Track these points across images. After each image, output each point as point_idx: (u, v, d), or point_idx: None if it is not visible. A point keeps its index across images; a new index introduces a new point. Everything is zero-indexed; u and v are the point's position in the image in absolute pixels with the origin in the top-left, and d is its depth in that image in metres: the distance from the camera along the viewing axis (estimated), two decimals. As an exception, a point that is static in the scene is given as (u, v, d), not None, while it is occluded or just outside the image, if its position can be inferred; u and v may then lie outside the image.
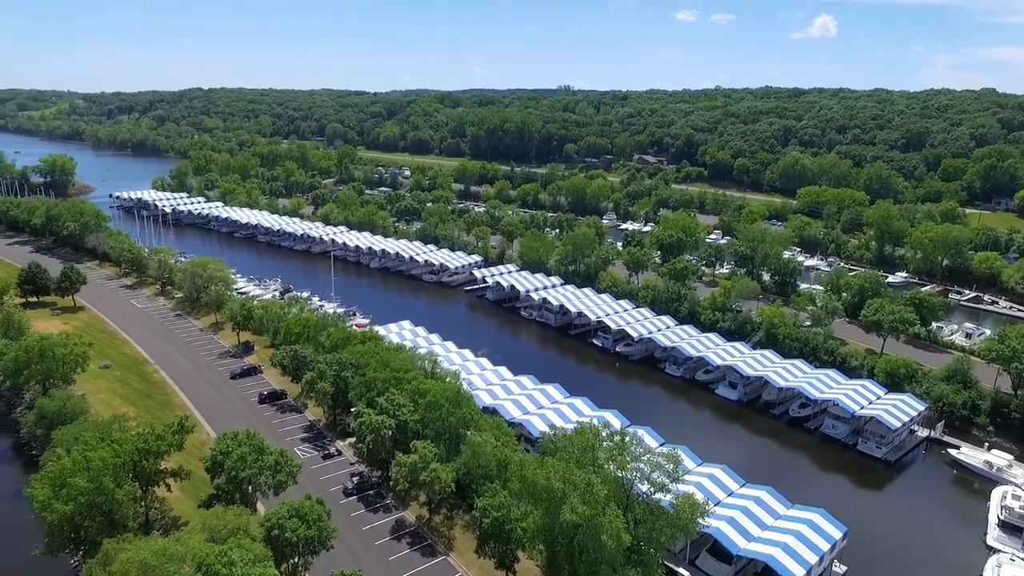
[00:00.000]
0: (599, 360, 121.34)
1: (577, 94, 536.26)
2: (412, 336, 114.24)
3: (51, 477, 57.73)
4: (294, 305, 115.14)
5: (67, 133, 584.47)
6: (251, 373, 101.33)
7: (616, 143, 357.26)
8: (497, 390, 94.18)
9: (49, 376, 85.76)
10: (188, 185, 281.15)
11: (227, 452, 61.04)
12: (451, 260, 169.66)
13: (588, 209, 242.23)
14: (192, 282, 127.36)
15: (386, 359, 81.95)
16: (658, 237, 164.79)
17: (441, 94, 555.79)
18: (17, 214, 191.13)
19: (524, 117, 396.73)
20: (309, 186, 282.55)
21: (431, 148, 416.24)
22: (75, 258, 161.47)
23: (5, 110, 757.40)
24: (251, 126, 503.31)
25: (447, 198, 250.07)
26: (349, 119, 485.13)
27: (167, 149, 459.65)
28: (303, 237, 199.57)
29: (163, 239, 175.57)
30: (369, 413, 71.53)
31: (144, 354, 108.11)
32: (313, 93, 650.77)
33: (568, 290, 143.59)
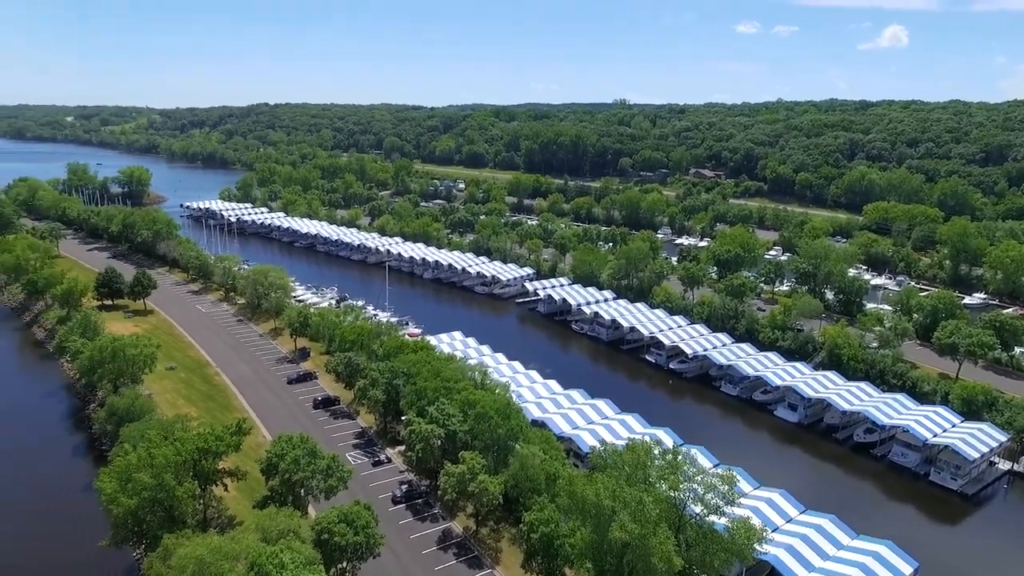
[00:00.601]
0: (651, 376, 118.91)
1: (633, 108, 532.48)
2: (463, 347, 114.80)
3: (118, 472, 60.19)
4: (349, 313, 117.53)
5: (144, 146, 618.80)
6: (307, 379, 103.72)
7: (672, 157, 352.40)
8: (546, 403, 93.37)
9: (120, 375, 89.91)
10: (253, 196, 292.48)
11: (281, 455, 62.39)
12: (503, 272, 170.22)
13: (642, 223, 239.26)
14: (254, 289, 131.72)
15: (437, 369, 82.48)
16: (715, 252, 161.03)
17: (497, 108, 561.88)
18: (97, 222, 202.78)
19: (579, 131, 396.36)
20: (366, 198, 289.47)
21: (486, 161, 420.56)
22: (147, 264, 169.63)
23: (90, 125, 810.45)
24: (313, 140, 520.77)
25: (500, 211, 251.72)
26: (406, 133, 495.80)
27: (234, 161, 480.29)
28: (359, 247, 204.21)
29: (228, 247, 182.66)
30: (419, 422, 71.95)
31: (207, 357, 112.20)
32: (372, 108, 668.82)
33: (620, 304, 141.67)
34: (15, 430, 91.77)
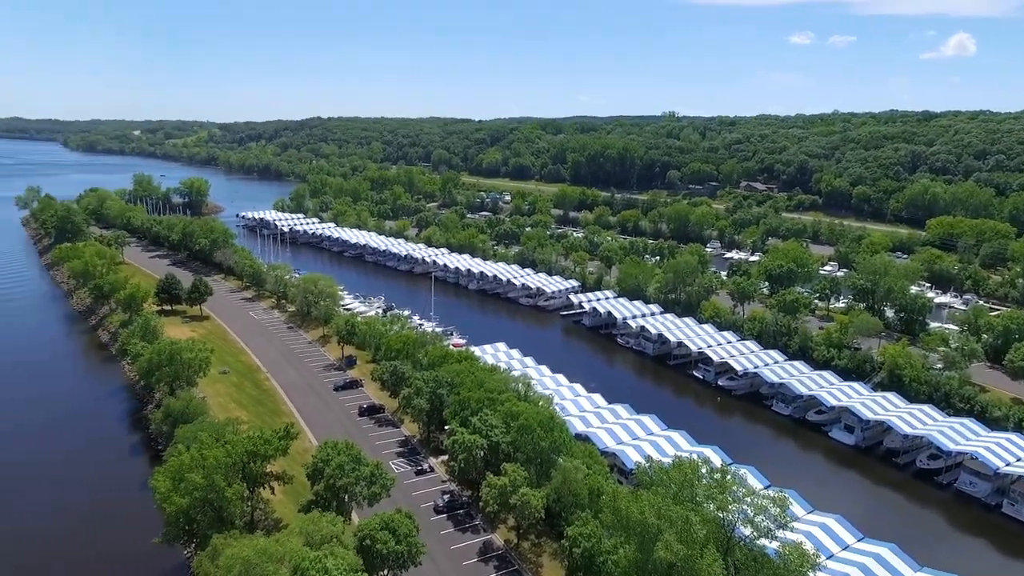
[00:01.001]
0: (699, 393, 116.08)
1: (682, 120, 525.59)
2: (507, 358, 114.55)
3: (171, 471, 62.02)
4: (395, 322, 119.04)
5: (204, 159, 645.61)
6: (353, 386, 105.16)
7: (722, 170, 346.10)
8: (590, 417, 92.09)
9: (176, 378, 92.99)
10: (305, 207, 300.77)
11: (327, 460, 63.18)
12: (548, 284, 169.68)
13: (691, 237, 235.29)
14: (304, 297, 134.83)
15: (481, 379, 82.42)
16: (766, 267, 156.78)
17: (544, 121, 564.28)
18: (159, 230, 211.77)
19: (626, 143, 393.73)
20: (414, 209, 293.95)
21: (532, 174, 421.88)
22: (204, 271, 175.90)
23: (155, 139, 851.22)
24: (363, 152, 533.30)
25: (546, 223, 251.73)
26: (454, 146, 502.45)
27: (288, 173, 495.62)
28: (406, 258, 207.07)
29: (280, 256, 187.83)
30: (462, 432, 71.88)
31: (258, 362, 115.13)
32: (421, 121, 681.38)
33: (667, 319, 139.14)
34: (79, 428, 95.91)
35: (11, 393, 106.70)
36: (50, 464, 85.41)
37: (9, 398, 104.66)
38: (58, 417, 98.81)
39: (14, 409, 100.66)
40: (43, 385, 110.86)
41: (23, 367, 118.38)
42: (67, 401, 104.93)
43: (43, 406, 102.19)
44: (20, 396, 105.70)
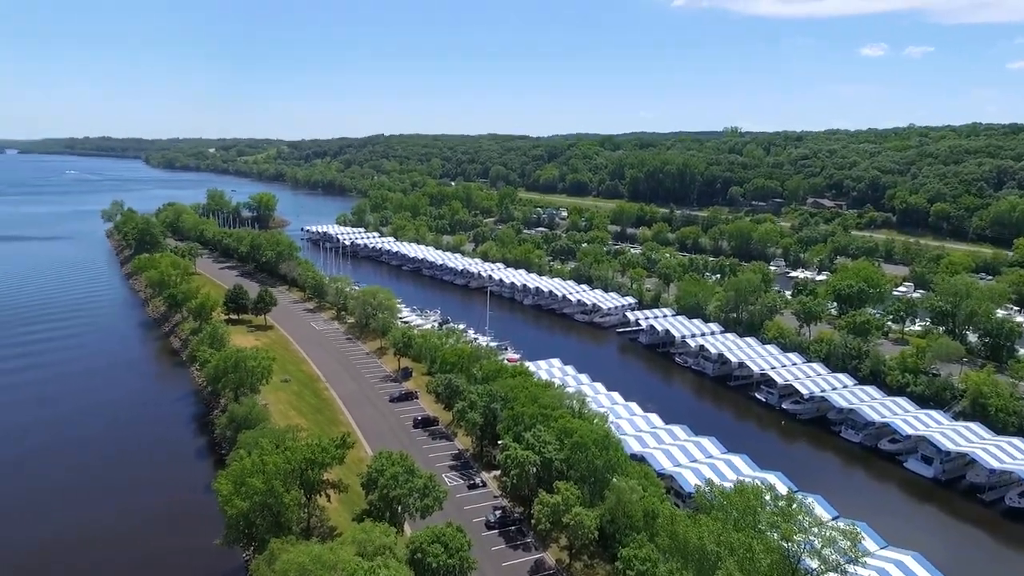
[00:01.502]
0: (761, 416, 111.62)
1: (745, 136, 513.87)
2: (561, 374, 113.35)
3: (233, 475, 63.74)
4: (451, 336, 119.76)
5: (272, 175, 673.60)
6: (408, 398, 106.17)
7: (787, 186, 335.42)
8: (647, 437, 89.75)
9: (240, 385, 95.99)
10: (366, 221, 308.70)
11: (381, 470, 63.65)
12: (604, 301, 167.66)
13: (753, 255, 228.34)
14: (363, 309, 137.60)
15: (535, 394, 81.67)
16: (835, 287, 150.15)
17: (602, 137, 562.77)
18: (229, 243, 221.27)
19: (686, 159, 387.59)
20: (471, 224, 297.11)
21: (589, 190, 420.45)
22: (270, 282, 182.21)
23: (228, 156, 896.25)
24: (423, 168, 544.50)
25: (603, 239, 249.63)
26: (511, 162, 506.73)
27: (351, 189, 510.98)
28: (463, 272, 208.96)
29: (341, 269, 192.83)
30: (515, 447, 71.17)
31: (318, 372, 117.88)
32: (480, 138, 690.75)
33: (728, 338, 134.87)
34: (149, 430, 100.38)
35: (88, 395, 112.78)
36: (121, 464, 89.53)
37: (86, 400, 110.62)
38: (130, 419, 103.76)
39: (90, 410, 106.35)
40: (118, 388, 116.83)
41: (101, 370, 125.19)
42: (139, 404, 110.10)
43: (117, 408, 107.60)
44: (96, 398, 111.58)
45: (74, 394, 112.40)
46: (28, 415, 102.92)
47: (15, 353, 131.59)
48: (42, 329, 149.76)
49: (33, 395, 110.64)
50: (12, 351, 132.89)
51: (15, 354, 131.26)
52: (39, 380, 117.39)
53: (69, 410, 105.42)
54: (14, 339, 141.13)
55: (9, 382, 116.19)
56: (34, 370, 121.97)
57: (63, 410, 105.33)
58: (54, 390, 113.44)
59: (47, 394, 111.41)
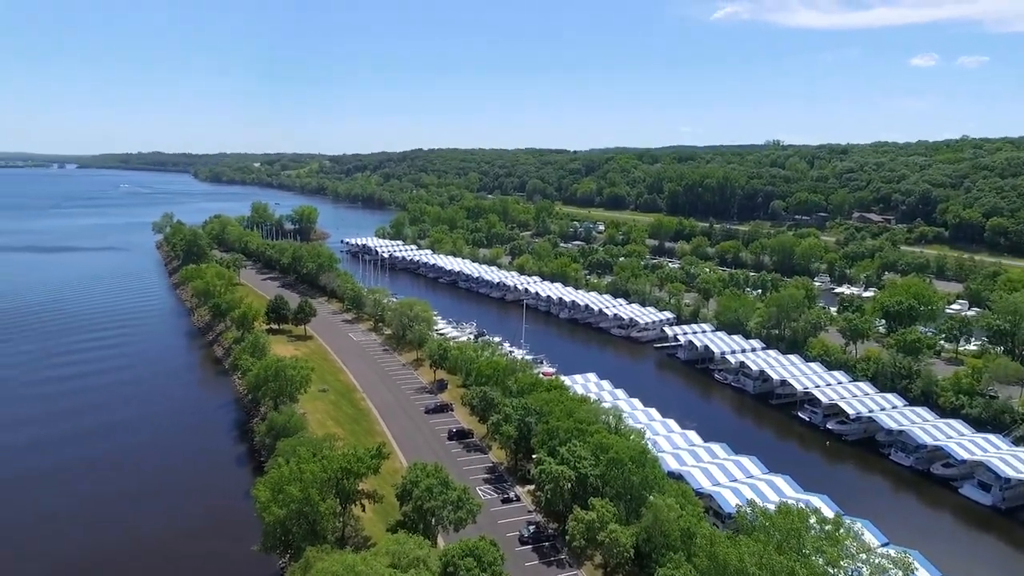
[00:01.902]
0: (805, 436, 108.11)
1: (788, 149, 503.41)
2: (597, 389, 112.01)
3: (271, 482, 64.57)
4: (486, 348, 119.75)
5: (314, 188, 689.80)
6: (443, 410, 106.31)
7: (832, 200, 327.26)
8: (685, 455, 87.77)
9: (280, 394, 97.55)
10: (404, 234, 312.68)
11: (416, 482, 63.63)
12: (641, 315, 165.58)
13: (796, 270, 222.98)
14: (400, 320, 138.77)
15: (570, 409, 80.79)
16: (883, 303, 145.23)
17: (640, 151, 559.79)
18: (271, 254, 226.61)
19: (727, 172, 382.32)
20: (508, 237, 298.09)
21: (627, 204, 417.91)
22: (310, 293, 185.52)
23: (272, 170, 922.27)
24: (461, 182, 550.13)
25: (640, 253, 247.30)
26: (548, 176, 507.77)
27: (390, 202, 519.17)
28: (499, 285, 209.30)
29: (379, 281, 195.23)
30: (550, 462, 70.37)
31: (355, 382, 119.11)
32: (517, 152, 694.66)
33: (770, 355, 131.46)
34: (191, 436, 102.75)
35: (135, 402, 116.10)
36: (163, 469, 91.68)
37: (131, 406, 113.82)
38: (174, 426, 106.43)
39: (134, 416, 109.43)
40: (163, 395, 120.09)
41: (148, 378, 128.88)
42: (183, 411, 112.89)
43: (161, 415, 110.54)
44: (142, 405, 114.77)
45: (122, 400, 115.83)
46: (81, 422, 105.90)
47: (71, 360, 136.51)
48: (95, 336, 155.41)
49: (87, 402, 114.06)
50: (68, 357, 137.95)
51: (71, 360, 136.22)
52: (91, 387, 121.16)
53: (117, 417, 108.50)
54: (71, 346, 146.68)
55: (66, 388, 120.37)
56: (86, 378, 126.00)
57: (111, 417, 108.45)
58: (105, 396, 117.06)
59: (98, 401, 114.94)
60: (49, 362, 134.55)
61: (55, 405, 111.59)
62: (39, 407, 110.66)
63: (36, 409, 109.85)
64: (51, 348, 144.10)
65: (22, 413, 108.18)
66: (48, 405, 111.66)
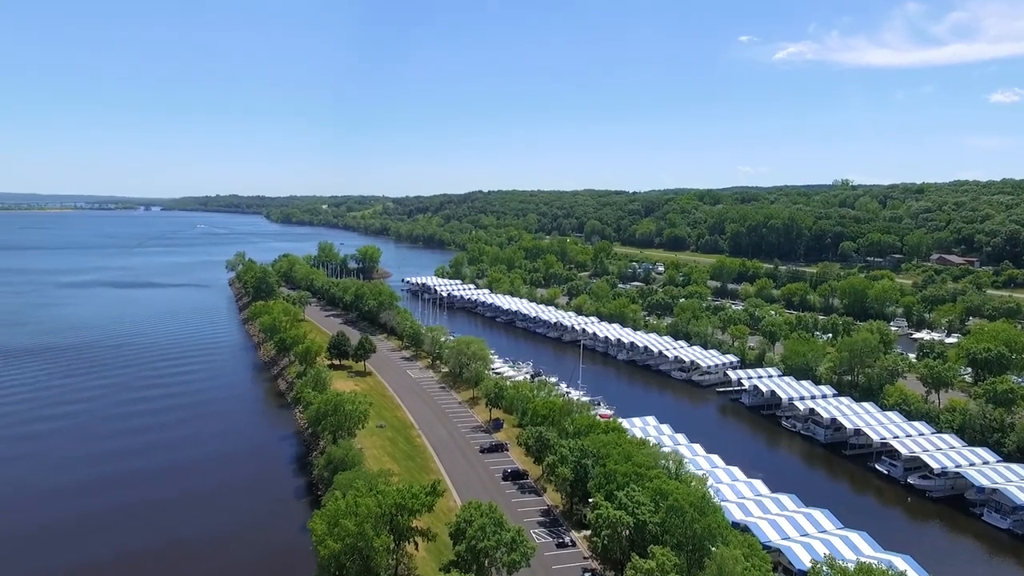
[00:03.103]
0: (883, 491, 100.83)
1: (857, 188, 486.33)
2: (656, 432, 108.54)
3: (328, 516, 64.69)
4: (542, 388, 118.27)
5: (377, 229, 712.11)
6: (498, 449, 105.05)
7: (907, 241, 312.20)
8: (750, 505, 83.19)
9: (339, 428, 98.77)
10: (463, 273, 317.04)
11: (470, 521, 62.52)
12: (703, 358, 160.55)
13: (869, 314, 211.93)
14: (456, 359, 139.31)
15: (628, 452, 78.22)
16: (968, 350, 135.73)
17: (700, 192, 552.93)
18: (335, 292, 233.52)
19: (792, 213, 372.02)
20: (566, 278, 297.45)
21: (687, 245, 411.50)
22: (370, 330, 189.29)
23: (338, 211, 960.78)
24: (519, 223, 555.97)
25: (702, 294, 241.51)
26: (607, 216, 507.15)
27: (450, 242, 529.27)
28: (556, 325, 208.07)
29: (438, 319, 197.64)
30: (607, 506, 67.91)
31: (412, 419, 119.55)
32: (576, 193, 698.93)
33: (842, 402, 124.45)
34: (253, 467, 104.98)
35: (202, 433, 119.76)
36: (226, 500, 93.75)
37: (197, 436, 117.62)
38: (236, 456, 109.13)
39: (200, 446, 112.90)
40: (227, 425, 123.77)
41: (213, 410, 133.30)
42: (245, 442, 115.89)
43: (225, 445, 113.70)
44: (208, 436, 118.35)
45: (189, 434, 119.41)
46: (150, 457, 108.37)
47: (144, 394, 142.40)
48: (168, 369, 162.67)
49: (156, 437, 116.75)
50: (142, 393, 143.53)
51: (144, 395, 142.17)
52: (160, 422, 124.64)
53: (185, 453, 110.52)
54: (146, 379, 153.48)
55: (138, 424, 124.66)
56: (157, 414, 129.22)
57: (180, 454, 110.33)
58: (173, 430, 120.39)
59: (167, 435, 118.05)
60: (124, 396, 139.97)
61: (128, 441, 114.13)
62: (112, 443, 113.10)
63: (109, 445, 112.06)
64: (128, 381, 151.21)
65: (96, 449, 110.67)
66: (121, 441, 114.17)
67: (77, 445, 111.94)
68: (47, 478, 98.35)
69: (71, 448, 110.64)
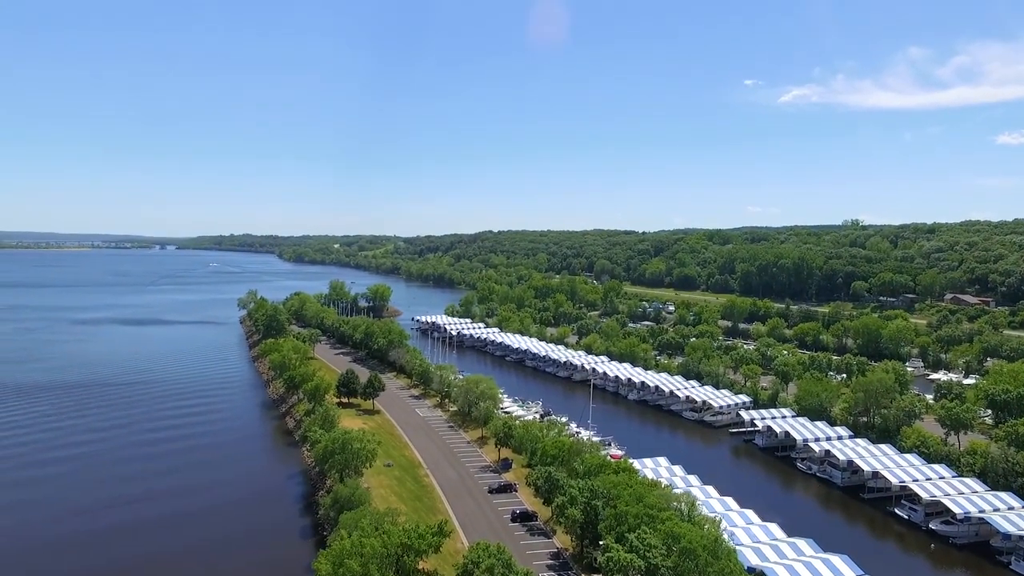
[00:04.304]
0: (903, 537, 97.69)
1: (868, 228, 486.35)
2: (668, 474, 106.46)
3: (333, 556, 63.45)
4: (552, 428, 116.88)
5: (388, 268, 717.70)
6: (507, 490, 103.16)
7: (920, 280, 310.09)
8: (766, 550, 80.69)
9: (346, 467, 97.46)
10: (472, 312, 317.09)
11: (477, 562, 61.11)
12: (715, 398, 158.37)
13: (884, 354, 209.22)
14: (465, 397, 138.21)
15: (639, 493, 76.61)
16: (987, 391, 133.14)
17: (710, 231, 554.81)
18: (345, 330, 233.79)
19: (803, 252, 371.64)
20: (575, 317, 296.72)
21: (697, 284, 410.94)
22: (379, 368, 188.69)
23: (350, 251, 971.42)
24: (529, 263, 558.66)
25: (713, 334, 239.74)
26: (617, 256, 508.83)
27: (460, 282, 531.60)
28: (566, 364, 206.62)
29: (447, 357, 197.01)
30: (617, 549, 66.17)
31: (420, 458, 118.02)
32: (585, 233, 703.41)
33: (859, 444, 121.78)
34: (258, 506, 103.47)
35: (206, 470, 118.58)
36: (229, 539, 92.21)
37: (203, 473, 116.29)
38: (240, 495, 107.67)
39: (204, 484, 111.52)
40: (233, 464, 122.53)
41: (220, 447, 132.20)
42: (250, 480, 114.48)
43: (229, 483, 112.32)
44: (213, 474, 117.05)
45: (195, 468, 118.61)
46: (157, 499, 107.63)
47: (152, 428, 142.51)
48: (176, 406, 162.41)
49: (162, 469, 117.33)
50: (150, 425, 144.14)
51: (152, 428, 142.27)
52: (166, 454, 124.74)
53: (187, 484, 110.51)
54: (154, 414, 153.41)
55: (143, 455, 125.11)
56: (162, 444, 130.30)
57: (182, 484, 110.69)
58: (178, 464, 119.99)
59: (172, 468, 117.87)
60: (134, 428, 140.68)
61: (135, 481, 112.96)
62: (118, 484, 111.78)
63: (114, 485, 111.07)
64: (137, 415, 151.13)
65: (99, 493, 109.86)
66: (128, 479, 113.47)
67: (83, 487, 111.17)
68: (46, 528, 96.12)
69: (77, 491, 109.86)
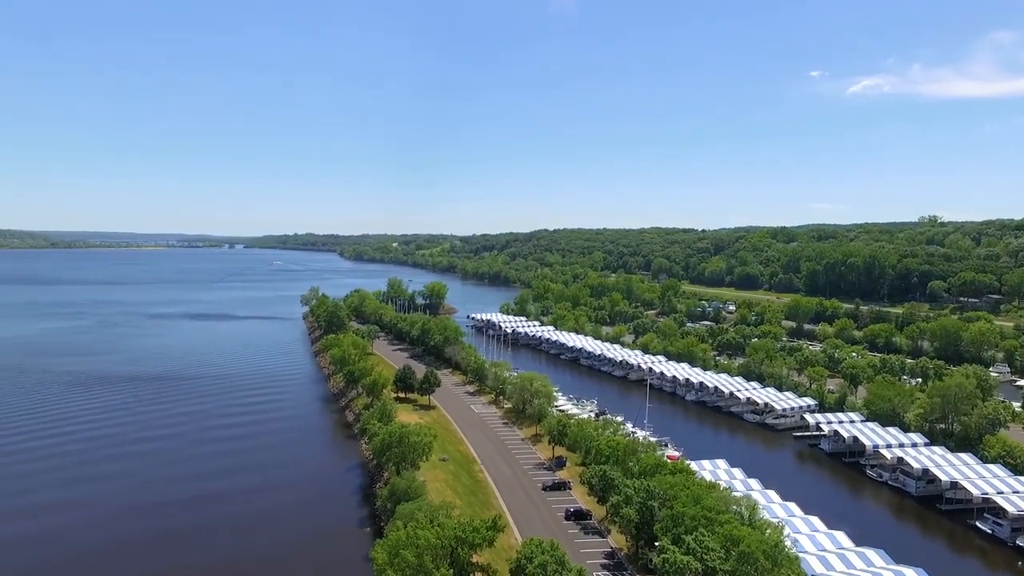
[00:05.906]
0: (986, 552, 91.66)
1: (947, 225, 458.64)
2: (727, 476, 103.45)
3: (389, 546, 64.50)
4: (607, 427, 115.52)
5: (445, 266, 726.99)
6: (561, 488, 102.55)
7: (1006, 280, 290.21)
8: (832, 559, 77.16)
9: (403, 460, 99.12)
10: (527, 310, 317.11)
11: (531, 558, 60.88)
12: (778, 401, 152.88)
13: (964, 357, 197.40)
14: (520, 394, 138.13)
15: (697, 495, 74.62)
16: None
17: (774, 229, 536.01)
18: (403, 326, 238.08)
19: (874, 251, 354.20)
20: (632, 316, 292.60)
21: (759, 283, 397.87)
22: (435, 365, 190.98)
23: (408, 249, 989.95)
24: (585, 261, 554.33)
25: (776, 334, 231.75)
26: (675, 255, 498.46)
27: (515, 280, 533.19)
28: (621, 363, 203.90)
29: (502, 355, 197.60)
30: (674, 551, 64.63)
31: (474, 454, 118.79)
32: (642, 231, 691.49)
33: (935, 452, 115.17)
34: (318, 498, 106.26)
35: (271, 462, 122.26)
36: (292, 525, 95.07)
37: (265, 467, 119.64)
38: (300, 486, 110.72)
39: (267, 474, 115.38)
40: (294, 455, 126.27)
41: (283, 439, 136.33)
42: (311, 471, 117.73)
43: (290, 474, 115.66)
44: (278, 462, 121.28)
45: (258, 462, 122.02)
46: (226, 481, 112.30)
47: (220, 423, 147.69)
48: (244, 396, 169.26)
49: (230, 463, 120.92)
50: (219, 420, 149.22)
51: (220, 423, 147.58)
52: (234, 449, 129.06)
53: (257, 479, 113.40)
54: (222, 408, 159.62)
55: (218, 449, 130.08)
56: (229, 441, 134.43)
57: (248, 478, 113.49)
58: (244, 458, 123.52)
59: (238, 462, 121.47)
60: (204, 423, 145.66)
61: (205, 465, 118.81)
62: (192, 467, 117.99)
63: (190, 468, 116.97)
64: (208, 409, 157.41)
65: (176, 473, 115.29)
66: (198, 465, 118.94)
67: (163, 468, 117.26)
68: (141, 496, 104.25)
69: (158, 470, 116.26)
